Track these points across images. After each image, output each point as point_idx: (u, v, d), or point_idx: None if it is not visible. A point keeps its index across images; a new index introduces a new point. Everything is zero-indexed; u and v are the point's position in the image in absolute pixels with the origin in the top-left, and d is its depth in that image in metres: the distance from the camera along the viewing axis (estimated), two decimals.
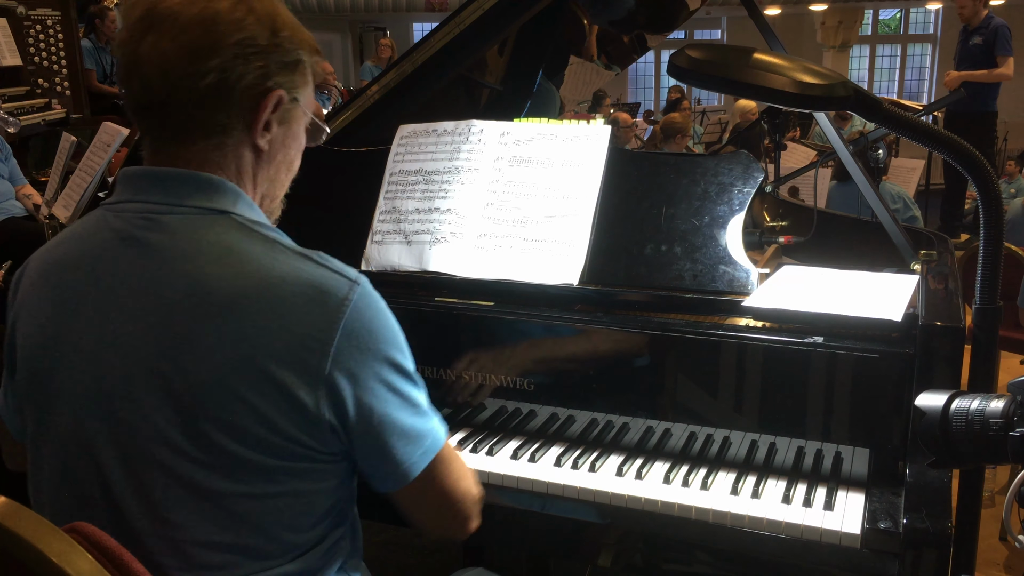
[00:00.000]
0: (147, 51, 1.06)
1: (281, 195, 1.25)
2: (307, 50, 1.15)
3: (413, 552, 2.67)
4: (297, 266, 1.07)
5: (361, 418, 1.09)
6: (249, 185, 1.16)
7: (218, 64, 1.06)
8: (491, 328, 1.71)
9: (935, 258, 1.78)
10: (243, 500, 1.06)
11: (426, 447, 1.15)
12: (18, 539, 0.92)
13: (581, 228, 1.72)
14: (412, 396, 1.15)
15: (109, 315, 1.07)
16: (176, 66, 1.06)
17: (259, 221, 1.13)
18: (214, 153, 1.11)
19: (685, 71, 1.17)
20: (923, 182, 5.99)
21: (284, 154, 1.19)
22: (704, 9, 7.94)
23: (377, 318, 1.10)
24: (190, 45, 1.05)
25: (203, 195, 1.10)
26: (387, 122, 2.07)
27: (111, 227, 1.11)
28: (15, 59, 5.94)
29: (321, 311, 1.05)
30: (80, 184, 3.55)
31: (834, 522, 1.40)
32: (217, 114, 1.09)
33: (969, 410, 1.02)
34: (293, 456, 1.07)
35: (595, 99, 8.84)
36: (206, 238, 1.07)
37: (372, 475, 1.16)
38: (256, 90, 1.10)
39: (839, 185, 4.83)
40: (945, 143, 1.17)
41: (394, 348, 1.12)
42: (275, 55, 1.10)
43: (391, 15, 13.38)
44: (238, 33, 1.07)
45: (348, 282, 1.08)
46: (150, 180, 1.12)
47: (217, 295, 1.04)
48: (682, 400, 1.60)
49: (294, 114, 1.17)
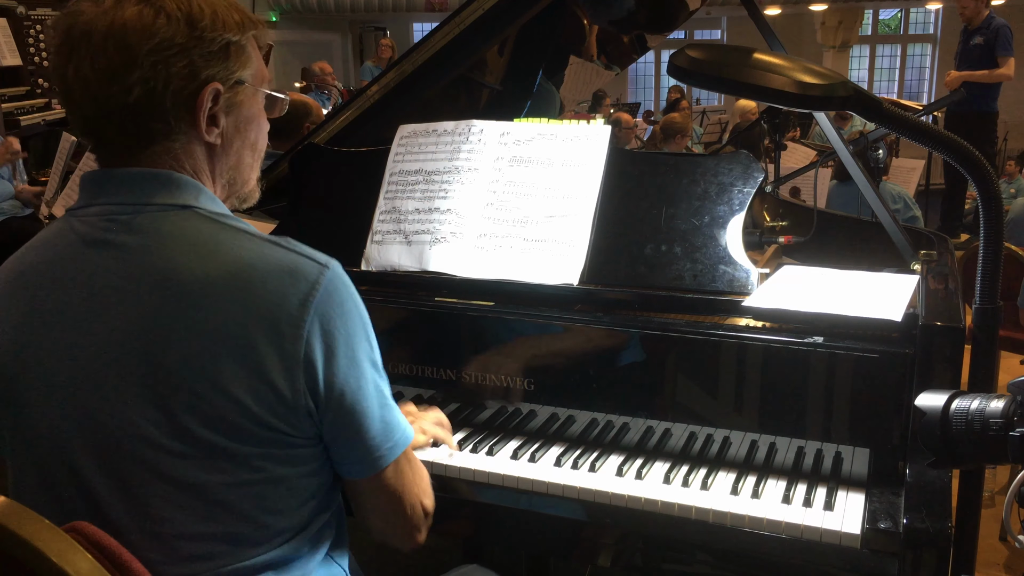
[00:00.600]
0: (71, 78, 1.07)
1: (254, 178, 1.23)
2: (235, 30, 1.11)
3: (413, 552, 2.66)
4: (266, 251, 1.08)
5: (334, 400, 1.09)
6: (207, 179, 1.15)
7: (139, 76, 1.05)
8: (491, 328, 1.71)
9: (935, 258, 1.78)
10: (223, 489, 1.07)
11: (395, 440, 1.16)
12: (18, 539, 0.92)
13: (581, 228, 1.72)
14: (381, 387, 1.15)
15: (78, 318, 1.07)
16: (100, 89, 1.06)
17: (223, 212, 1.13)
18: (164, 156, 1.11)
19: (685, 71, 1.17)
20: (923, 182, 5.99)
21: (242, 140, 1.18)
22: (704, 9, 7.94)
23: (348, 302, 1.10)
24: (107, 65, 1.05)
25: (164, 192, 1.09)
26: (387, 122, 2.07)
27: (76, 232, 1.11)
28: (15, 59, 5.94)
29: (292, 293, 1.05)
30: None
31: (834, 522, 1.40)
32: (153, 123, 1.08)
33: (969, 410, 1.02)
34: (269, 442, 1.07)
35: (595, 99, 8.84)
36: (175, 233, 1.07)
37: (341, 461, 1.16)
38: (187, 90, 1.08)
39: (839, 185, 4.83)
40: (945, 143, 1.17)
41: (364, 335, 1.12)
42: (197, 49, 1.07)
43: (391, 15, 13.37)
44: (150, 40, 1.05)
45: (318, 265, 1.08)
46: (110, 182, 1.11)
47: (186, 283, 1.04)
48: (682, 400, 1.60)
49: (240, 98, 1.14)
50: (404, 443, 1.18)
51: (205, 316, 1.03)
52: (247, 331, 1.03)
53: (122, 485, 1.07)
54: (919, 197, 5.67)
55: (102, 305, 1.06)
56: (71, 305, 1.08)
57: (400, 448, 1.17)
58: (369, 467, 1.15)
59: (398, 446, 1.16)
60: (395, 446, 1.16)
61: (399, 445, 1.17)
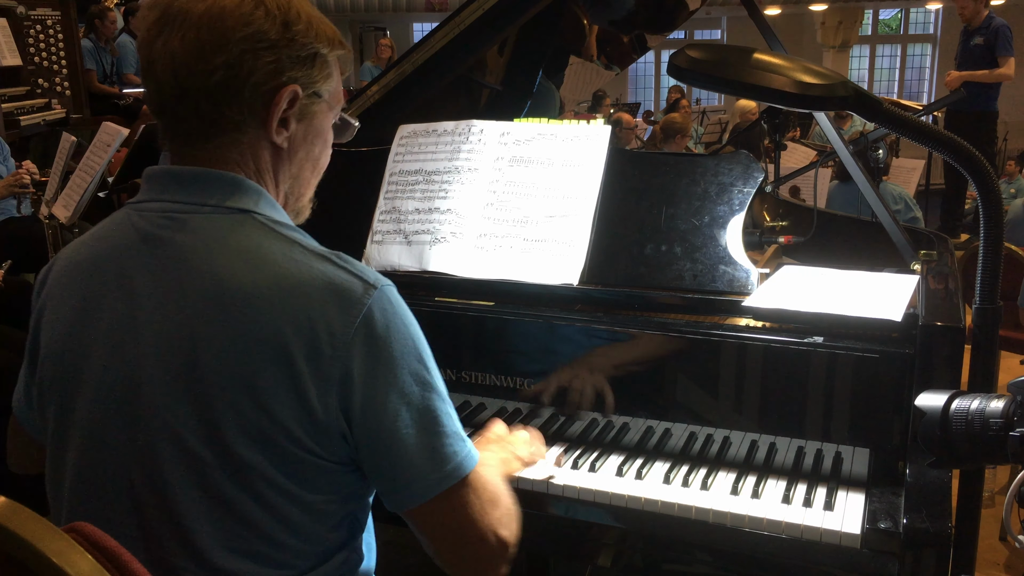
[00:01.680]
0: (159, 51, 1.07)
1: (308, 194, 1.23)
2: (326, 43, 1.12)
3: (414, 553, 2.66)
4: (315, 266, 1.06)
5: (367, 428, 1.06)
6: (270, 183, 1.15)
7: (224, 60, 1.05)
8: (491, 328, 1.71)
9: (935, 258, 1.78)
10: (252, 507, 1.05)
11: (444, 472, 1.09)
12: (18, 539, 0.92)
13: (581, 228, 1.72)
14: (431, 412, 1.08)
15: (130, 314, 1.07)
16: (184, 64, 1.05)
17: (281, 221, 1.12)
18: (231, 151, 1.11)
19: (685, 71, 1.17)
20: (923, 182, 5.99)
21: (307, 151, 1.17)
22: (704, 9, 7.94)
23: (395, 324, 1.07)
24: (196, 43, 1.05)
25: (224, 194, 1.09)
26: (387, 122, 2.07)
27: (134, 226, 1.11)
28: (15, 59, 5.94)
29: (336, 312, 1.03)
30: (80, 184, 3.55)
31: (834, 522, 1.40)
32: (228, 111, 1.08)
33: (969, 410, 1.02)
34: (299, 462, 1.05)
35: (595, 99, 8.84)
36: (227, 238, 1.07)
37: (380, 491, 1.12)
38: (267, 86, 1.08)
39: (839, 185, 4.84)
40: (945, 143, 1.17)
41: (412, 357, 1.08)
42: (287, 49, 1.08)
43: (391, 15, 13.37)
44: (245, 28, 1.06)
45: (365, 284, 1.06)
46: (172, 179, 1.12)
47: (234, 292, 1.03)
48: (682, 400, 1.60)
49: (314, 110, 1.15)
50: (459, 474, 1.09)
51: (247, 326, 1.02)
52: (287, 346, 1.02)
53: (160, 487, 1.06)
54: (919, 197, 5.68)
55: (154, 304, 1.06)
56: (125, 301, 1.08)
57: (453, 478, 1.09)
58: (414, 497, 1.09)
59: (448, 478, 1.09)
60: (445, 477, 1.08)
61: (450, 477, 1.09)
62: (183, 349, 1.04)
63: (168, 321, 1.05)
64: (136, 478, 1.07)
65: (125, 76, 7.44)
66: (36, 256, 3.87)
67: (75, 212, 3.55)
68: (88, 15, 7.06)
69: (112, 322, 1.08)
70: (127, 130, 3.70)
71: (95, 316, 1.10)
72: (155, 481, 1.06)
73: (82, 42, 6.66)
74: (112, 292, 1.09)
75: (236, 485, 1.04)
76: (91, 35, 7.07)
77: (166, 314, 1.05)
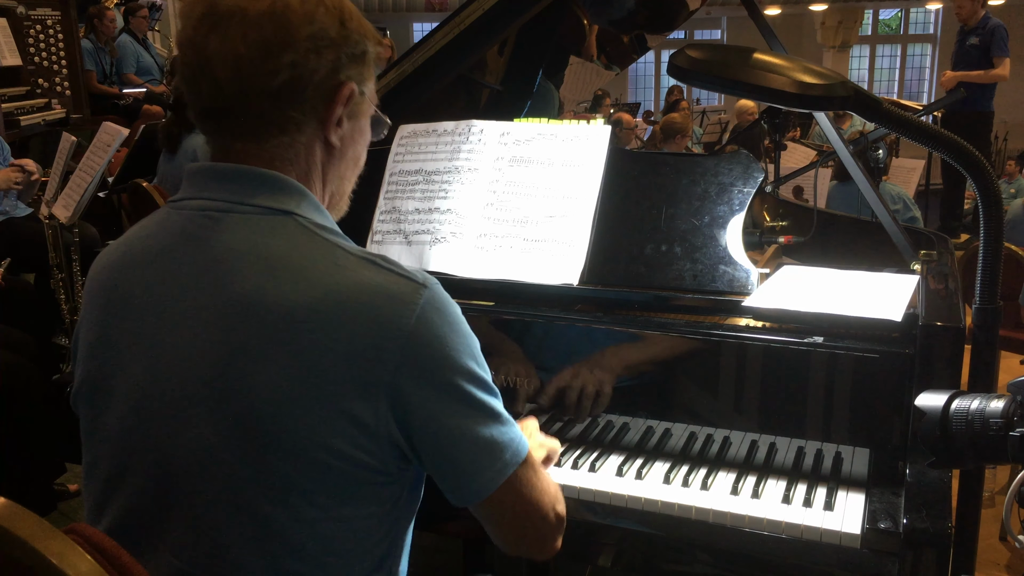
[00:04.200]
0: (216, 50, 1.02)
1: (348, 191, 1.21)
2: (372, 40, 1.11)
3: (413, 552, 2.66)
4: (359, 273, 1.02)
5: (427, 431, 1.03)
6: (318, 183, 1.13)
7: (291, 60, 1.02)
8: (491, 328, 1.71)
9: (935, 258, 1.78)
10: (286, 523, 1.02)
11: (505, 460, 1.08)
12: (18, 540, 0.92)
13: (581, 228, 1.72)
14: (487, 406, 1.08)
15: (163, 318, 1.05)
16: (249, 64, 1.02)
17: (323, 224, 1.08)
18: (286, 151, 1.08)
19: (685, 71, 1.17)
20: (923, 182, 5.99)
21: (353, 149, 1.16)
22: (704, 9, 7.94)
23: (446, 323, 1.05)
24: (262, 42, 1.01)
25: (267, 194, 1.06)
26: None
27: (174, 225, 1.08)
28: (15, 59, 5.95)
29: (386, 318, 1.00)
30: (80, 184, 3.55)
31: (834, 522, 1.40)
32: (291, 111, 1.06)
33: (969, 410, 1.02)
34: (344, 477, 1.02)
35: (595, 99, 8.84)
36: (266, 243, 1.03)
37: (447, 489, 1.10)
38: (329, 84, 1.06)
39: (839, 185, 4.83)
40: (945, 143, 1.17)
41: (465, 355, 1.06)
42: (345, 47, 1.07)
43: (391, 15, 13.37)
44: (310, 26, 1.03)
45: (416, 285, 1.03)
46: (214, 177, 1.09)
47: (275, 309, 0.99)
48: (682, 400, 1.60)
49: (362, 108, 1.14)
50: (517, 459, 1.10)
51: (290, 344, 0.99)
52: (333, 361, 0.99)
53: (185, 499, 1.03)
54: (919, 197, 5.68)
55: (188, 310, 1.03)
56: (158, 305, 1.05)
57: (512, 466, 1.09)
58: (480, 491, 1.09)
59: (509, 465, 1.09)
60: (506, 465, 1.08)
61: (510, 464, 1.09)
62: (217, 362, 1.00)
63: (201, 330, 1.02)
64: (162, 490, 1.04)
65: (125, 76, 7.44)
66: (36, 256, 3.87)
67: (75, 212, 3.55)
68: (88, 15, 7.07)
69: (142, 326, 1.06)
70: (127, 130, 3.70)
71: (125, 320, 1.07)
72: (182, 494, 1.03)
73: (82, 42, 6.67)
74: (144, 295, 1.07)
75: (271, 500, 1.01)
76: (91, 35, 7.07)
77: (199, 323, 1.02)
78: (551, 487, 1.19)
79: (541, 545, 1.19)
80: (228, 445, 1.01)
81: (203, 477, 1.02)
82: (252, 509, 1.01)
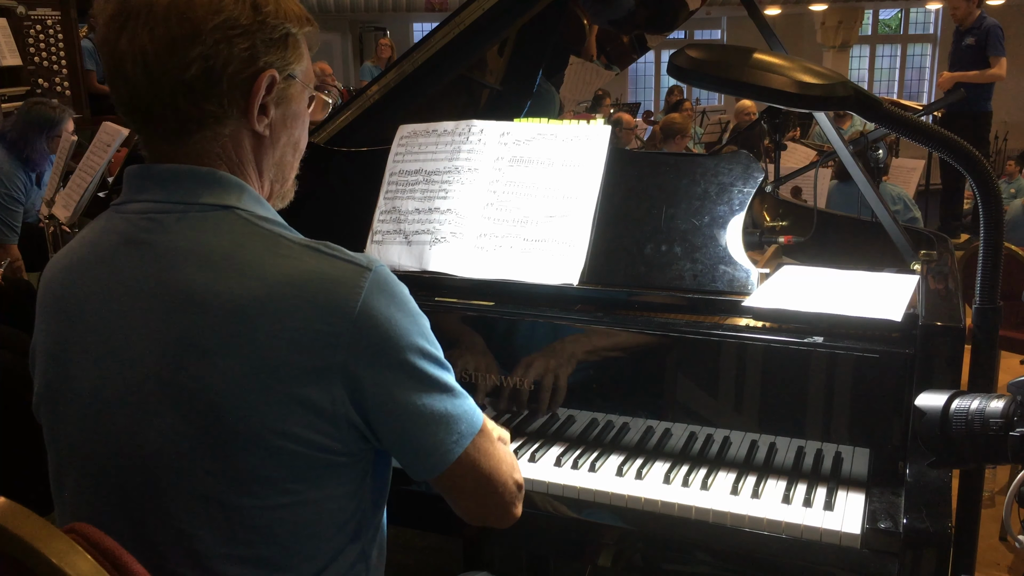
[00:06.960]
0: (125, 48, 1.03)
1: (292, 177, 1.21)
2: (295, 22, 1.09)
3: (413, 552, 2.67)
4: (303, 261, 1.03)
5: (383, 410, 1.05)
6: (253, 174, 1.13)
7: (200, 52, 1.02)
8: (491, 328, 1.71)
9: (935, 258, 1.78)
10: (255, 511, 1.04)
11: (460, 431, 1.11)
12: (18, 540, 0.92)
13: (581, 228, 1.72)
14: (438, 381, 1.10)
15: (112, 321, 1.06)
16: (157, 61, 1.02)
17: (264, 216, 1.09)
18: (211, 145, 1.08)
19: (685, 71, 1.17)
20: (923, 182, 6.00)
21: (288, 135, 1.15)
22: (704, 9, 7.94)
23: (392, 303, 1.06)
24: (169, 36, 1.01)
25: (206, 191, 1.06)
26: (387, 122, 2.07)
27: (116, 229, 1.09)
28: (15, 59, 5.95)
29: (332, 303, 1.01)
30: (80, 184, 3.55)
31: (834, 522, 1.40)
32: (208, 104, 1.05)
33: (969, 410, 1.02)
34: (307, 462, 1.04)
35: (595, 99, 8.84)
36: (208, 240, 1.04)
37: (406, 465, 1.13)
38: (245, 73, 1.05)
39: (839, 185, 4.83)
40: (945, 143, 1.17)
41: (414, 333, 1.07)
42: (260, 33, 1.05)
43: (391, 15, 13.37)
44: (217, 16, 1.02)
45: (360, 269, 1.04)
46: (151, 178, 1.09)
47: (222, 304, 1.00)
48: (682, 400, 1.60)
49: (291, 92, 1.12)
50: (472, 430, 1.12)
51: (241, 337, 1.00)
52: (285, 351, 1.00)
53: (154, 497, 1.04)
54: (919, 197, 5.68)
55: (136, 311, 1.04)
56: (106, 308, 1.06)
57: (468, 436, 1.12)
58: (438, 463, 1.11)
59: (465, 436, 1.11)
60: (462, 436, 1.11)
61: (466, 435, 1.11)
62: (171, 360, 1.01)
63: (151, 330, 1.03)
64: (130, 485, 1.06)
65: None
66: (36, 256, 3.88)
67: (75, 212, 3.55)
68: (88, 15, 7.07)
69: (92, 331, 1.07)
70: (127, 130, 3.70)
71: (75, 325, 1.08)
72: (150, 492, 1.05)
73: (82, 42, 6.67)
74: (91, 299, 1.07)
75: (237, 490, 1.03)
76: (91, 35, 7.07)
77: (149, 323, 1.03)
78: (508, 456, 1.22)
79: (502, 512, 1.21)
80: (189, 440, 1.02)
81: (168, 473, 1.03)
82: (220, 500, 1.03)
